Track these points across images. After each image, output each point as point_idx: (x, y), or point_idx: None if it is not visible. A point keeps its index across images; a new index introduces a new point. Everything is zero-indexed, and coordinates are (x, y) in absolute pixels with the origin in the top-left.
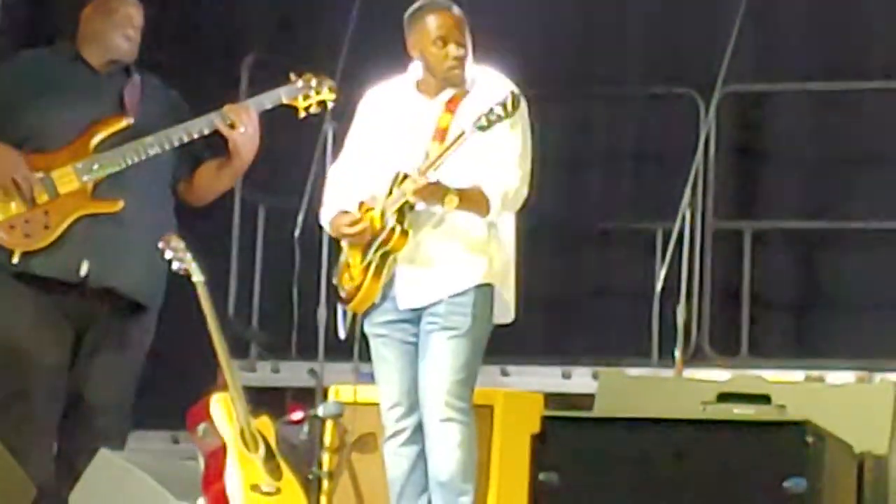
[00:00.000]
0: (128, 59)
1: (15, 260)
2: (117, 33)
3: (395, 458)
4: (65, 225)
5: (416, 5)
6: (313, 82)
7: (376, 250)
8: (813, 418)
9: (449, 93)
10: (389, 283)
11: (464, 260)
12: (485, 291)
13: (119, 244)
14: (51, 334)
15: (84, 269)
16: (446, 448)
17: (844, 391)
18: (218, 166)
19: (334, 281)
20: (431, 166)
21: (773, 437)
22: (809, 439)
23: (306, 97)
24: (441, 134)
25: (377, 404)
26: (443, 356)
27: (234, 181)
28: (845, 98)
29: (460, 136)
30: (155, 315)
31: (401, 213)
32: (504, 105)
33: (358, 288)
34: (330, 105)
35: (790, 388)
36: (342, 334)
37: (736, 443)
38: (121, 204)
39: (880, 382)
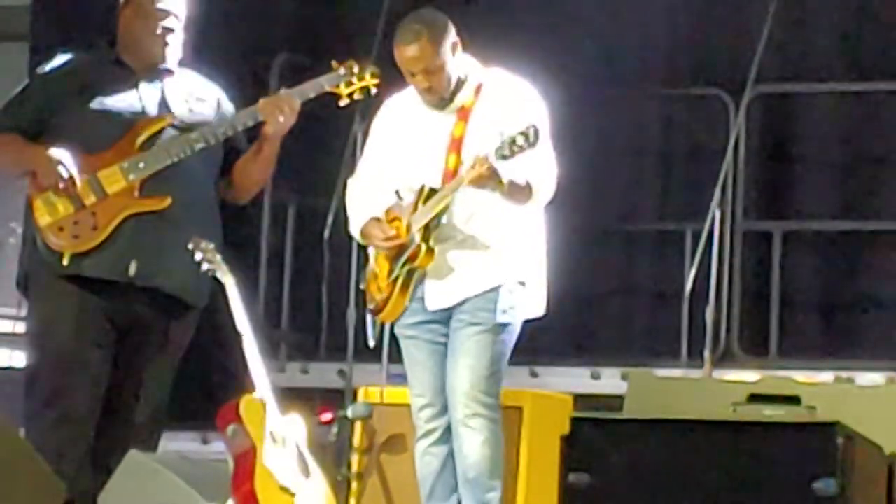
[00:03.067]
0: (169, 62)
1: (65, 262)
2: (155, 40)
3: (426, 458)
4: (113, 225)
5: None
6: (356, 69)
7: (403, 265)
8: (843, 419)
9: (458, 102)
10: (419, 285)
11: (490, 258)
12: (511, 288)
13: (166, 243)
14: (94, 334)
15: (133, 269)
16: (473, 444)
17: (875, 392)
18: (252, 155)
19: (362, 287)
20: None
21: (803, 439)
22: (839, 440)
23: (349, 84)
24: (456, 144)
25: (406, 405)
26: (470, 352)
27: (268, 170)
28: (875, 98)
29: (484, 163)
30: (198, 315)
31: (427, 229)
32: (526, 135)
33: (386, 301)
34: (373, 91)
35: (820, 389)
36: (371, 343)
37: (766, 444)
38: (168, 200)
39: None
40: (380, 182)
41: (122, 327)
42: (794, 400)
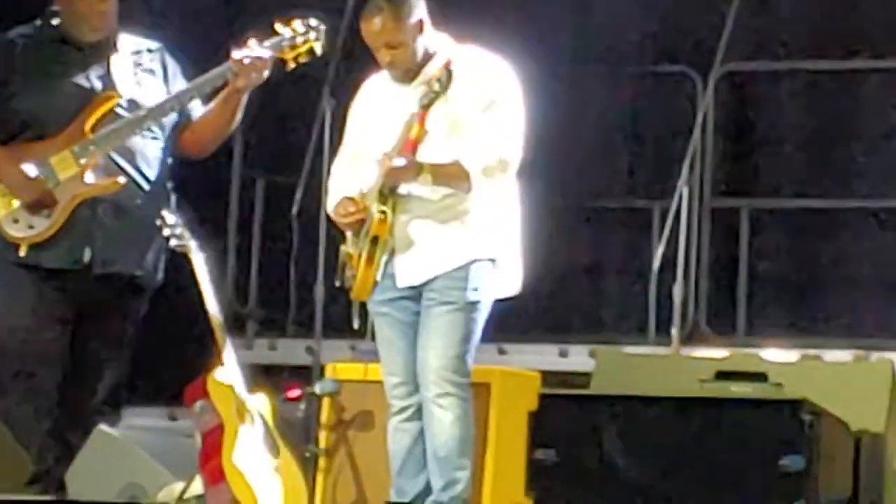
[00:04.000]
0: (109, 31)
1: (22, 253)
2: (92, 15)
3: (398, 434)
4: (67, 212)
5: None
6: (300, 28)
7: (365, 237)
8: (810, 396)
9: (426, 76)
10: (390, 261)
11: (459, 236)
12: (481, 266)
13: (121, 227)
14: (52, 316)
15: (87, 255)
16: (444, 423)
17: (841, 369)
18: (218, 108)
19: (339, 274)
20: (398, 148)
21: (770, 416)
22: (806, 417)
23: (293, 47)
24: (421, 118)
25: (375, 382)
26: (440, 331)
27: (233, 123)
28: (844, 77)
29: (411, 117)
30: (152, 292)
31: (382, 196)
32: (439, 80)
33: (355, 277)
34: (319, 50)
35: (787, 366)
36: (355, 324)
37: (733, 421)
38: (120, 182)
39: (877, 361)
40: (356, 162)
41: (80, 309)
42: (761, 377)
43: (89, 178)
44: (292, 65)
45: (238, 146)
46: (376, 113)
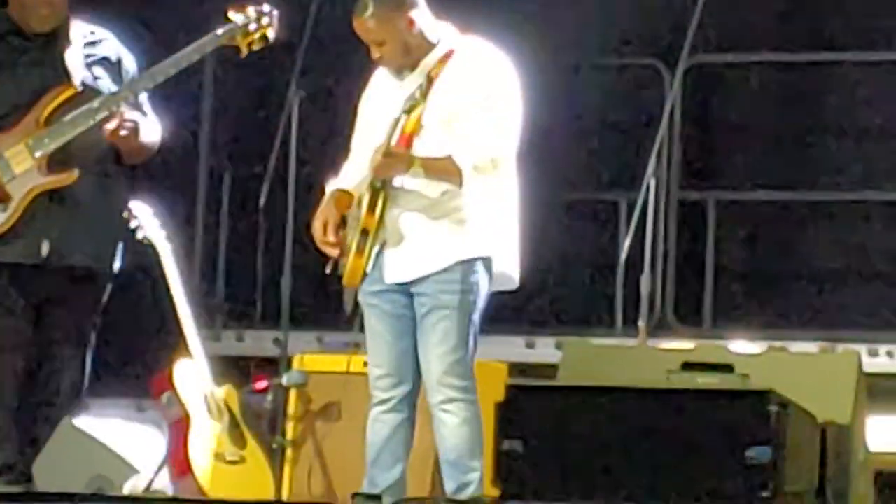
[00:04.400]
0: (58, 20)
1: None
2: (38, 1)
3: (377, 425)
4: (23, 206)
5: None
6: (253, 14)
7: (356, 228)
8: (776, 388)
9: (427, 66)
10: (381, 253)
11: (449, 234)
12: (472, 265)
13: (76, 218)
14: (8, 310)
15: (45, 249)
16: (451, 427)
17: (807, 361)
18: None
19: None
20: (386, 144)
21: (737, 406)
22: (772, 408)
23: (246, 34)
24: (409, 117)
25: (342, 373)
26: (437, 339)
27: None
28: (808, 70)
29: (396, 120)
30: (105, 279)
31: (373, 189)
32: (420, 86)
33: (346, 265)
34: (272, 36)
35: (753, 357)
36: (348, 310)
37: (700, 412)
38: (76, 174)
39: (843, 352)
40: (359, 154)
41: (39, 301)
42: (727, 368)
43: (44, 170)
44: (245, 51)
45: (204, 138)
46: (377, 106)
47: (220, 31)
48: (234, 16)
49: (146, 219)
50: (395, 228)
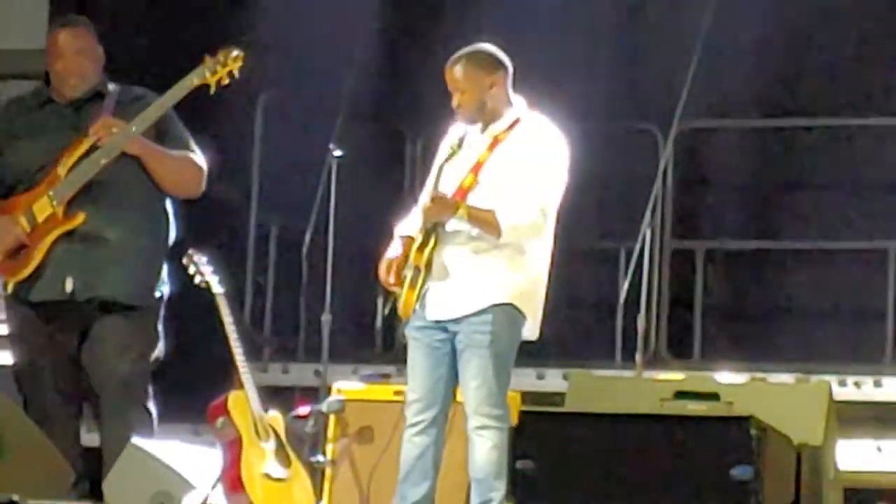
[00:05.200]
0: (88, 86)
1: (9, 290)
2: (63, 76)
3: (408, 445)
4: (43, 249)
5: None
6: (221, 57)
7: (410, 266)
8: (757, 414)
9: (496, 128)
10: (427, 291)
11: (485, 280)
12: (504, 310)
13: (96, 255)
14: (46, 346)
15: (69, 285)
16: (482, 450)
17: (784, 390)
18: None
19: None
20: (434, 189)
21: (722, 430)
22: (753, 432)
23: (214, 73)
24: (476, 167)
25: (375, 401)
26: (472, 373)
27: (166, 174)
28: (784, 134)
29: (440, 167)
30: (152, 313)
31: (425, 231)
32: (459, 139)
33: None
34: (237, 74)
35: (737, 387)
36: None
37: (689, 435)
38: (81, 217)
39: (816, 383)
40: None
41: (81, 329)
42: (714, 396)
43: (61, 216)
44: (213, 89)
45: (254, 195)
46: (446, 154)
47: (192, 74)
48: (207, 60)
49: (202, 266)
50: (440, 269)
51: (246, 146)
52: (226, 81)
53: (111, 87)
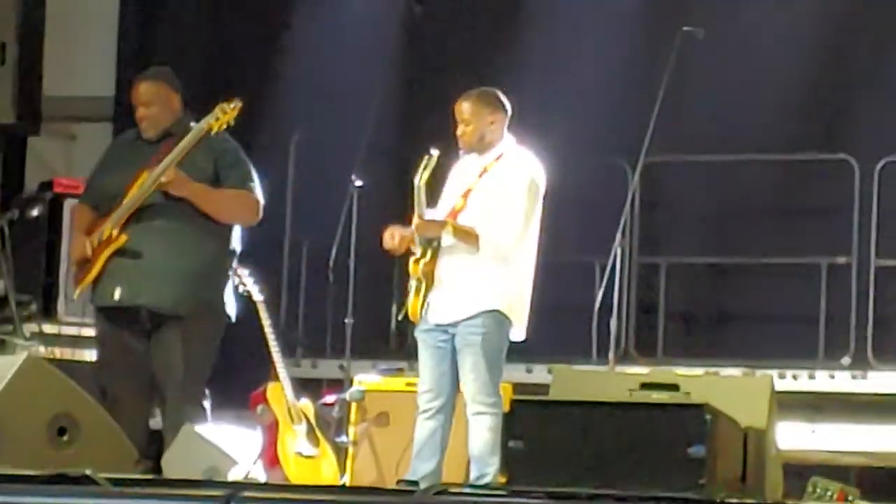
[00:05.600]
0: (159, 129)
1: (76, 294)
2: (140, 118)
3: (421, 428)
4: (99, 264)
5: None
6: (224, 107)
7: (414, 276)
8: (710, 402)
9: (486, 159)
10: (427, 302)
11: (476, 289)
12: (493, 315)
13: (139, 269)
14: (115, 343)
15: (117, 294)
16: (480, 431)
17: (733, 382)
18: None
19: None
20: (418, 210)
21: (680, 416)
22: (707, 417)
23: (217, 119)
24: (466, 193)
25: (391, 391)
26: (467, 368)
27: (214, 209)
28: (737, 166)
29: (419, 188)
30: (206, 321)
31: (422, 248)
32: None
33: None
34: (232, 123)
35: (693, 379)
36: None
37: (653, 419)
38: (123, 238)
39: (760, 376)
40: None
41: (144, 336)
42: (674, 388)
43: (115, 236)
44: (213, 132)
45: (288, 217)
46: (450, 179)
47: (206, 119)
48: (217, 108)
49: (245, 278)
50: (440, 280)
51: (281, 176)
52: (224, 127)
53: (192, 124)
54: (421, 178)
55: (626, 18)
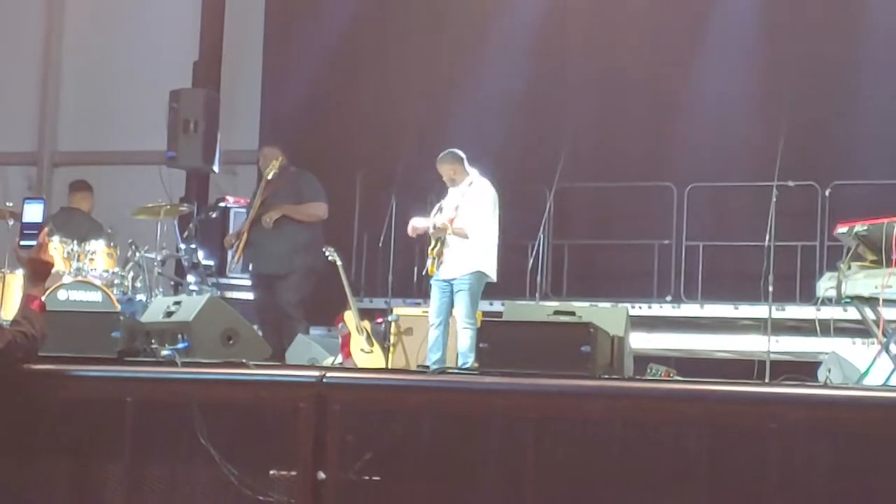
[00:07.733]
0: (272, 170)
1: (234, 263)
2: (258, 158)
3: (430, 335)
4: (242, 245)
5: None
6: (275, 163)
7: (430, 254)
8: (593, 321)
9: (463, 188)
10: (441, 262)
11: (465, 259)
12: (476, 274)
13: (262, 249)
14: (263, 295)
15: (252, 265)
16: (463, 338)
17: (607, 311)
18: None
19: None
20: (432, 220)
21: (577, 329)
22: (591, 330)
23: (270, 169)
24: (456, 208)
25: (415, 316)
26: (460, 303)
27: (288, 214)
28: (622, 191)
29: (440, 207)
30: (294, 276)
31: (434, 238)
32: (441, 208)
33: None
34: (274, 173)
35: (584, 309)
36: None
37: (561, 331)
38: (247, 225)
39: (621, 307)
40: (434, 215)
41: (271, 289)
42: (572, 314)
43: (248, 228)
44: (266, 176)
45: (356, 217)
46: (445, 199)
47: (270, 169)
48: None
49: (330, 251)
50: (445, 253)
51: (350, 200)
52: (269, 177)
53: (292, 169)
54: (439, 209)
55: None
